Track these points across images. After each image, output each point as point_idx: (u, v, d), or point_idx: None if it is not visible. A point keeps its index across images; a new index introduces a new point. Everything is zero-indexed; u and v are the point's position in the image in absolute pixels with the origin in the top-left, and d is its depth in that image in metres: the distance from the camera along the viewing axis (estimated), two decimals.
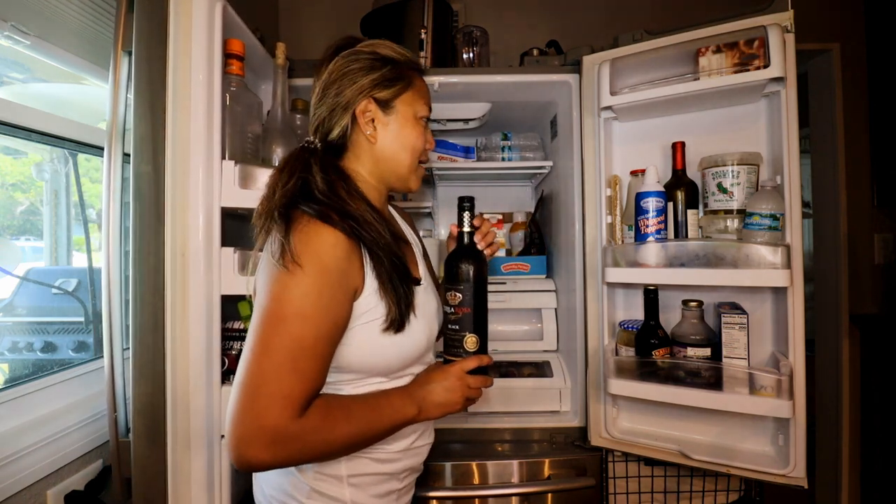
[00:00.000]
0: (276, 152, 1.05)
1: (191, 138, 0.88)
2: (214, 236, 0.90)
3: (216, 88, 0.90)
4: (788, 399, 0.99)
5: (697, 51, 1.06)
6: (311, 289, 0.63)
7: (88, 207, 1.36)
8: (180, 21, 0.88)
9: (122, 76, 0.96)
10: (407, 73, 0.79)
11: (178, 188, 0.88)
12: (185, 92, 0.88)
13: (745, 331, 1.05)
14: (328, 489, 0.74)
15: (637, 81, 1.12)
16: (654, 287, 1.14)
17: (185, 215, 0.88)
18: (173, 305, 0.87)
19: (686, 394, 1.06)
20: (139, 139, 0.89)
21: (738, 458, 1.07)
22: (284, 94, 1.07)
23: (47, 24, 1.06)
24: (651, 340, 1.13)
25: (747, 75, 1.00)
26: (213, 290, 0.90)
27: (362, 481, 0.75)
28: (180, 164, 0.88)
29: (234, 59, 0.97)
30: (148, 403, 0.89)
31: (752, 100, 1.11)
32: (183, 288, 0.87)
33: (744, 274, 1.00)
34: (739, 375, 1.04)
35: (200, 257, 0.88)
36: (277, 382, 0.60)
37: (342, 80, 0.76)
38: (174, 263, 0.87)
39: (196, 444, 0.88)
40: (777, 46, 0.97)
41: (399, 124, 0.78)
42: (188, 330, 0.87)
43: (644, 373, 1.12)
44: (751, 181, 1.08)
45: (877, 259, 1.94)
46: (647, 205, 1.11)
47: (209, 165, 0.89)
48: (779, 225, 1.01)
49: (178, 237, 0.88)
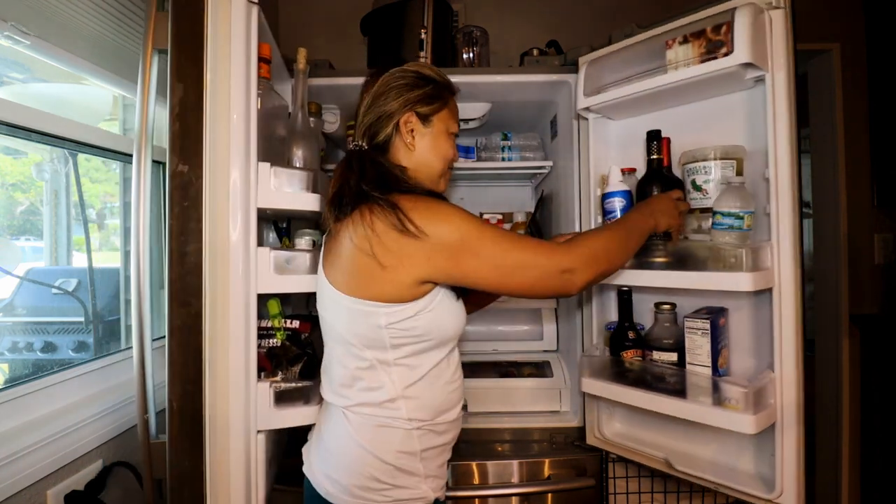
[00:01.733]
0: (296, 154, 1.07)
1: (230, 140, 0.88)
2: (251, 236, 0.91)
3: (253, 91, 0.91)
4: (752, 413, 0.88)
5: (665, 43, 1.00)
6: (463, 213, 0.77)
7: (88, 207, 1.36)
8: (219, 22, 0.88)
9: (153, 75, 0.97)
10: (444, 93, 0.91)
11: (218, 188, 0.88)
12: (223, 93, 0.88)
13: (707, 337, 0.98)
14: (408, 465, 0.82)
15: (616, 79, 1.09)
16: (627, 288, 1.11)
17: (224, 215, 0.88)
18: (213, 305, 0.88)
19: (650, 398, 1.01)
20: (178, 138, 0.89)
21: (722, 475, 1.00)
22: (305, 97, 1.08)
23: (47, 25, 1.06)
24: (624, 342, 1.11)
25: (712, 64, 0.92)
26: (251, 289, 0.91)
27: (429, 454, 0.85)
28: (220, 165, 0.88)
29: (263, 63, 0.98)
30: (185, 404, 0.89)
31: (738, 88, 1.03)
32: (223, 288, 0.88)
33: (711, 277, 0.93)
34: (702, 384, 0.97)
35: (239, 257, 0.89)
36: (538, 247, 0.79)
37: (389, 92, 0.87)
38: (213, 263, 0.88)
39: (235, 441, 0.89)
40: (743, 28, 0.88)
41: (434, 136, 0.90)
42: (228, 329, 0.88)
43: (614, 373, 1.09)
44: (726, 177, 1.00)
45: (877, 259, 1.94)
46: (611, 205, 1.07)
47: (247, 167, 0.90)
48: (743, 224, 0.94)
49: (217, 237, 0.88)
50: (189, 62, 0.89)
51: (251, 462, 0.91)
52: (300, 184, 0.96)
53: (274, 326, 1.01)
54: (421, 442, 0.83)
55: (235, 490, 0.89)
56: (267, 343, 1.00)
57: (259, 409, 0.92)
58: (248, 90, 0.90)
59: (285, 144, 1.08)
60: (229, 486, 0.89)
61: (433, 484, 0.85)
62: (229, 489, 0.89)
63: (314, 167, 1.09)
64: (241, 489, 0.90)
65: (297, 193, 0.96)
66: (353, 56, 1.90)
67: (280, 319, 1.02)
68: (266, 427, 0.93)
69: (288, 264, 0.94)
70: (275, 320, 1.02)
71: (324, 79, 1.33)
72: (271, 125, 1.05)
